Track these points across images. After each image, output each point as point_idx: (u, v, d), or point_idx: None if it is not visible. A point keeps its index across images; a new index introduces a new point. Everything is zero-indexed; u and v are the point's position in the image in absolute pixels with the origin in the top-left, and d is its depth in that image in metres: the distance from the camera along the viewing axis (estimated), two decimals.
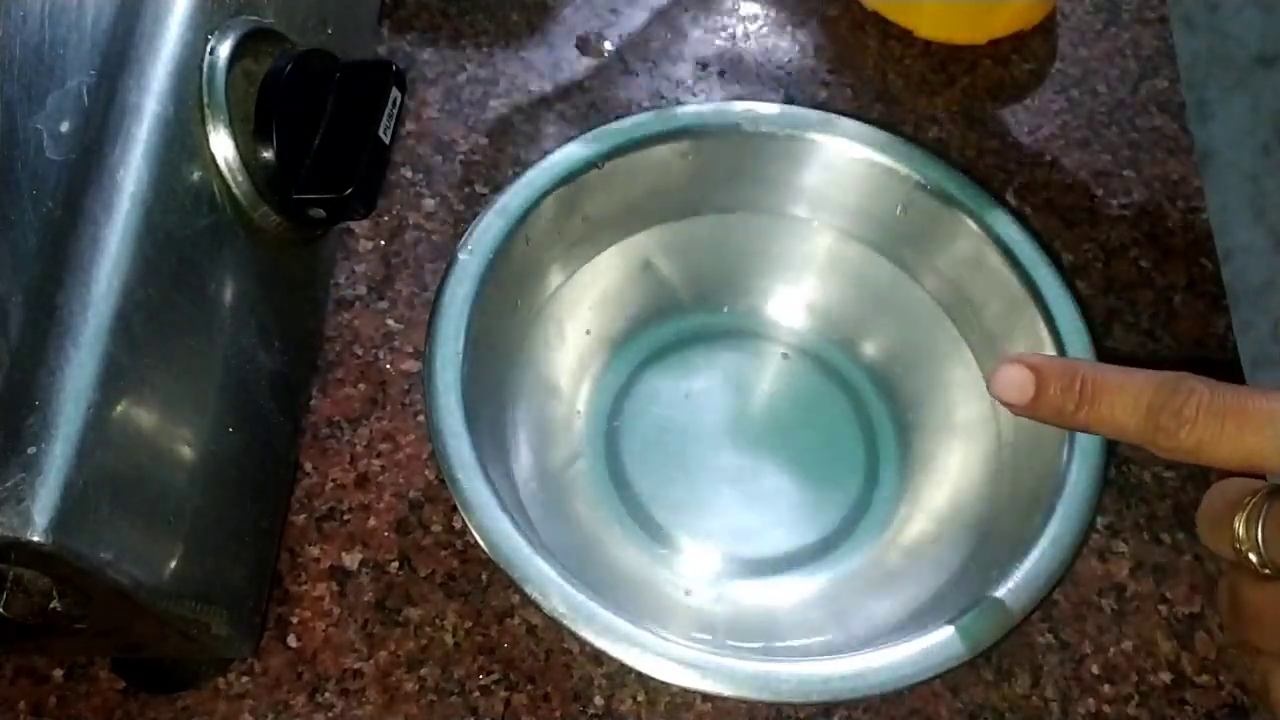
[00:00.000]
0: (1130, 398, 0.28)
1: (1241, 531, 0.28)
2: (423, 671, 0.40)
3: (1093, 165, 0.54)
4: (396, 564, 0.42)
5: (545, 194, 0.42)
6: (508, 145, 0.52)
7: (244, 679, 0.40)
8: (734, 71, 0.55)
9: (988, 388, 0.31)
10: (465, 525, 0.36)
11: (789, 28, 0.57)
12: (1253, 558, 0.28)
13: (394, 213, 0.49)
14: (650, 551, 0.42)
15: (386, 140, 0.37)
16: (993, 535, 0.40)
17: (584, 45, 0.55)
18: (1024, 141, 0.54)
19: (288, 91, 0.36)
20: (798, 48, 0.56)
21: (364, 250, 0.48)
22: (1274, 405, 0.26)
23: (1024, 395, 0.30)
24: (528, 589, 0.35)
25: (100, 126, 0.31)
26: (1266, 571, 0.28)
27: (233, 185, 0.35)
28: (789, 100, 0.54)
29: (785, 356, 0.47)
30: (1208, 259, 0.51)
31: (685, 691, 0.39)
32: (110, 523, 0.29)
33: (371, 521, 0.43)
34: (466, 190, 0.50)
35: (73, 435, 0.28)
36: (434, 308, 0.39)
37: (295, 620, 0.41)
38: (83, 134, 0.31)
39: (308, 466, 0.43)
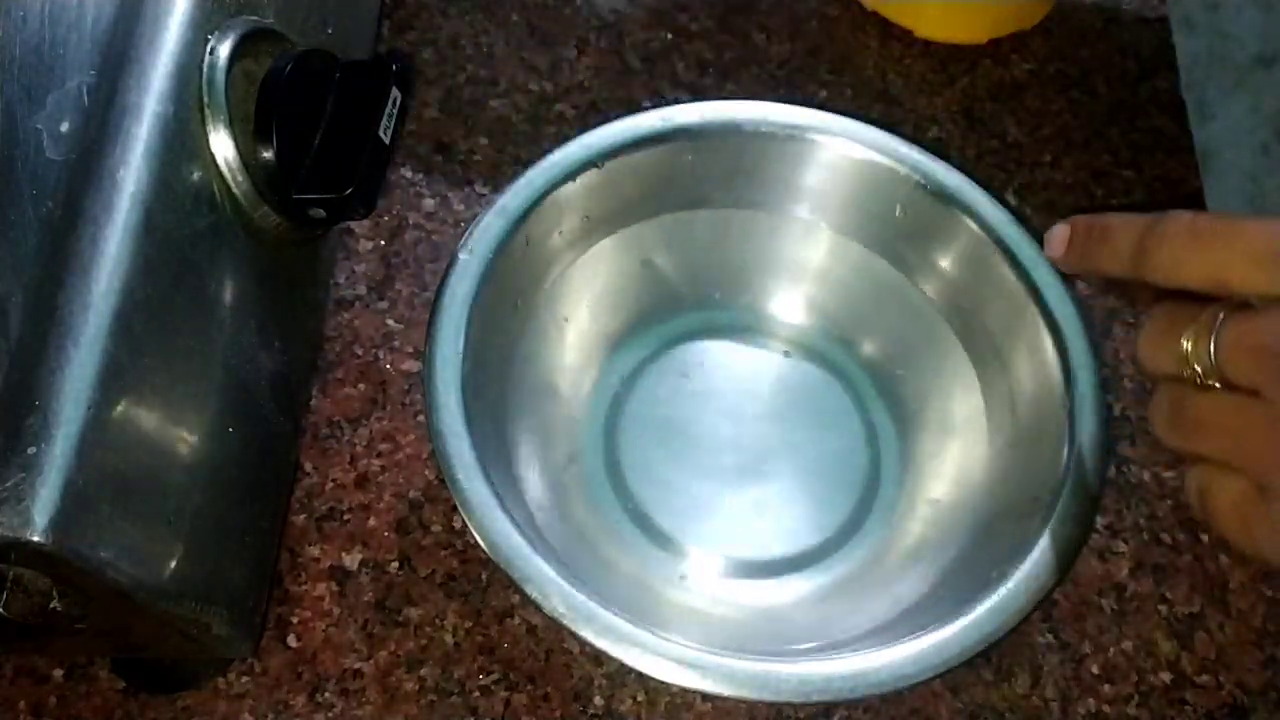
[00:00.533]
0: (1131, 228, 0.30)
1: (1189, 346, 0.29)
2: (423, 671, 0.40)
3: (1093, 165, 0.54)
4: (396, 564, 0.42)
5: (545, 194, 0.42)
6: (508, 145, 0.52)
7: (244, 679, 0.40)
8: (734, 71, 0.55)
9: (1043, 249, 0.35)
10: (465, 525, 0.36)
11: (789, 28, 0.57)
12: (1198, 368, 0.29)
13: (394, 213, 0.49)
14: (651, 551, 0.42)
15: (386, 140, 0.37)
16: (993, 535, 0.40)
17: (584, 45, 0.55)
18: (1024, 141, 0.54)
19: (288, 91, 0.36)
20: (798, 48, 0.56)
21: (364, 250, 0.48)
22: (1247, 224, 0.28)
23: (1060, 246, 0.33)
24: (528, 589, 0.35)
25: (100, 126, 0.31)
26: (1211, 382, 0.29)
27: (233, 185, 0.35)
28: (789, 100, 0.54)
29: (786, 354, 0.47)
30: None
31: (685, 691, 0.39)
32: (110, 523, 0.29)
33: (371, 521, 0.43)
34: (466, 190, 0.50)
35: (73, 435, 0.28)
36: (434, 308, 0.39)
37: (295, 620, 0.41)
38: (83, 134, 0.31)
39: (308, 466, 0.43)
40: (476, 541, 0.36)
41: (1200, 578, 0.43)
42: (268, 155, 0.35)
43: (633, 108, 0.53)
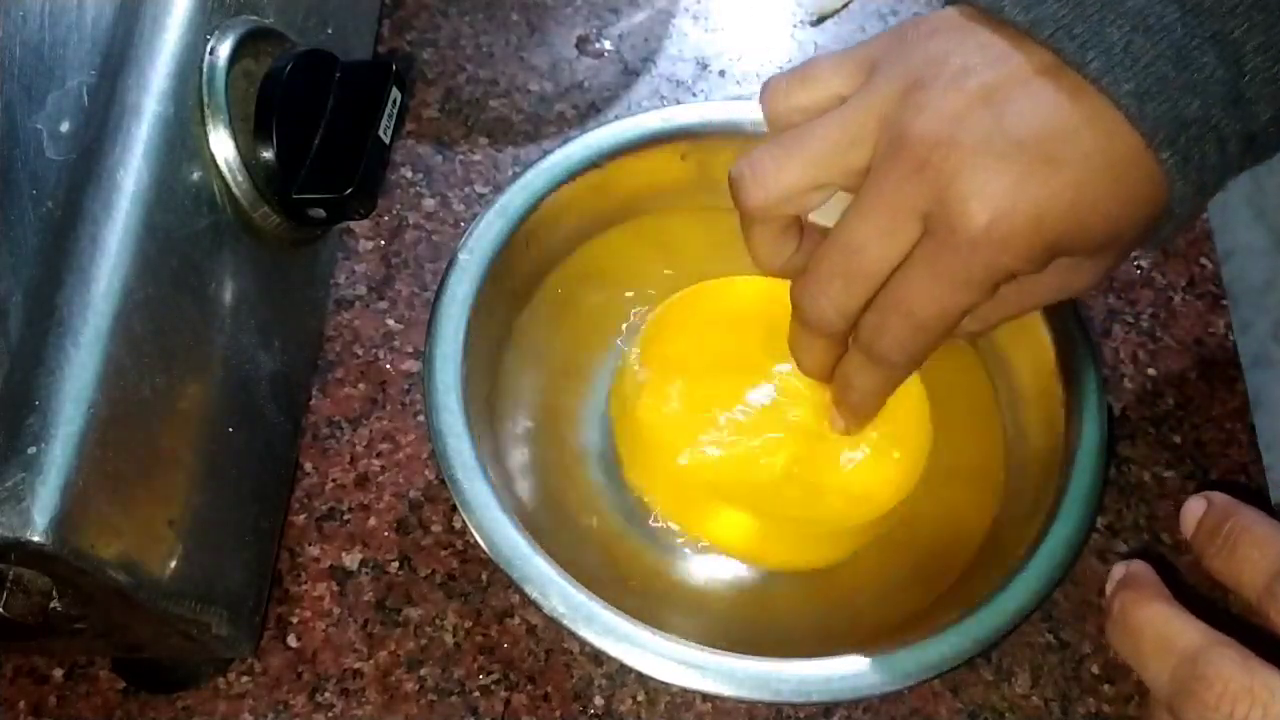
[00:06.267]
0: (1265, 553, 0.28)
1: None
2: (423, 671, 0.40)
3: None
4: (396, 564, 0.42)
5: (545, 194, 0.42)
6: (508, 145, 0.52)
7: (244, 679, 0.40)
8: (734, 71, 0.55)
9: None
10: (465, 525, 0.36)
11: (789, 28, 0.57)
12: None
13: (394, 213, 0.49)
14: (650, 551, 0.42)
15: (386, 140, 0.37)
16: (993, 536, 0.40)
17: (584, 45, 0.55)
18: None
19: (288, 91, 0.36)
20: (797, 48, 0.56)
21: (364, 250, 0.48)
22: None
23: (1189, 531, 0.30)
24: (528, 589, 0.35)
25: (100, 126, 0.31)
26: None
27: (233, 185, 0.35)
28: None
29: None
30: (1208, 259, 0.51)
31: (685, 691, 0.39)
32: (110, 523, 0.29)
33: (371, 521, 0.43)
34: (466, 190, 0.50)
35: (73, 435, 0.28)
36: (434, 308, 0.39)
37: (295, 620, 0.41)
38: (83, 134, 0.31)
39: (308, 466, 0.43)
40: (476, 541, 0.36)
41: (1200, 578, 0.43)
42: (268, 155, 0.35)
43: (633, 108, 0.53)
